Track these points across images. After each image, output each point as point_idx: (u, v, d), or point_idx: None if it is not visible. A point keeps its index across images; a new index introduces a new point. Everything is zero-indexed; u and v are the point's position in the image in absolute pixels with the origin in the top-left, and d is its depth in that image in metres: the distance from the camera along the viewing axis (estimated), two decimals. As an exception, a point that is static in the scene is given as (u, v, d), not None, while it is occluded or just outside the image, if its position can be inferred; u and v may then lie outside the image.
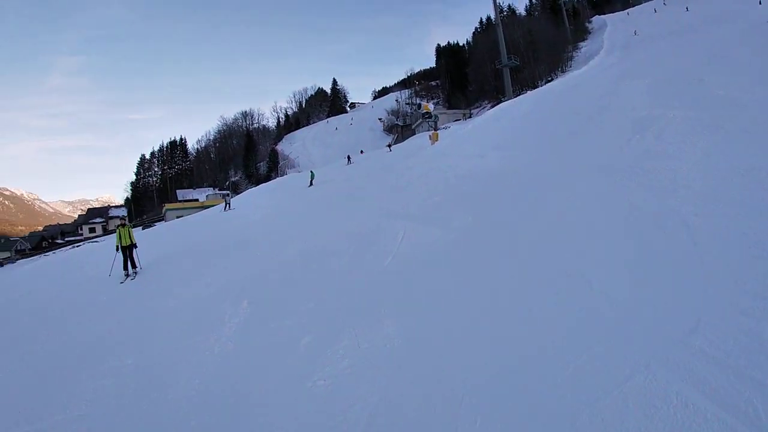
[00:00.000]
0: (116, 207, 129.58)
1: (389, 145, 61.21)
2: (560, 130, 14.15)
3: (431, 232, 10.25)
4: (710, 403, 3.68)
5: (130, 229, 15.45)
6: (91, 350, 9.25)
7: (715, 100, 11.71)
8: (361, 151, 73.83)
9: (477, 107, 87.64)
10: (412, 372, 5.55)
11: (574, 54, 79.36)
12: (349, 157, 53.75)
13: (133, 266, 15.10)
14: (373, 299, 7.92)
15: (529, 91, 36.18)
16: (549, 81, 59.45)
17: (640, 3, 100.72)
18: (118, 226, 15.62)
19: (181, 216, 52.89)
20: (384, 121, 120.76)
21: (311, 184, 36.16)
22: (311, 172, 42.01)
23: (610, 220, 7.78)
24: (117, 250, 15.17)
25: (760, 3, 49.71)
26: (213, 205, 56.11)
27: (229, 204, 35.83)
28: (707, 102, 11.68)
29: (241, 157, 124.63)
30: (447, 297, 7.19)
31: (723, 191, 7.37)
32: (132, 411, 6.52)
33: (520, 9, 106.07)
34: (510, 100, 32.10)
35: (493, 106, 51.27)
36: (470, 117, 74.81)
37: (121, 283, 14.13)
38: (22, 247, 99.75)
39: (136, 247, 15.27)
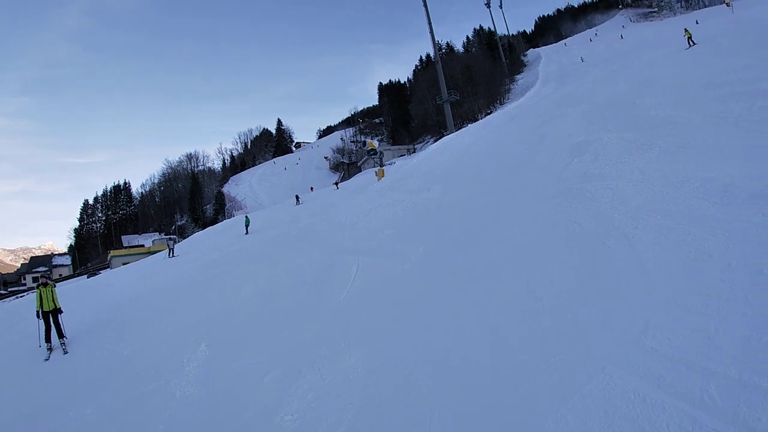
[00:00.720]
0: (60, 255, 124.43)
1: (336, 183, 61.31)
2: (502, 160, 14.71)
3: (384, 264, 10.52)
4: (668, 396, 3.98)
5: (53, 289, 12.36)
6: (47, 400, 9.03)
7: (647, 120, 12.42)
8: (311, 188, 73.56)
9: (420, 142, 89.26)
10: (378, 399, 5.71)
11: (512, 86, 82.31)
12: (297, 197, 51.71)
13: (60, 335, 11.85)
14: (333, 332, 8.05)
15: (470, 124, 37.19)
16: (488, 113, 61.36)
17: (573, 34, 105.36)
18: (39, 285, 12.33)
19: (128, 263, 51.46)
20: (330, 160, 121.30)
21: (247, 232, 33.60)
22: (246, 217, 38.24)
23: (555, 240, 8.22)
24: (38, 316, 11.94)
25: (697, 23, 52.74)
26: (159, 251, 54.86)
27: (173, 250, 33.20)
28: (640, 123, 12.37)
29: (187, 200, 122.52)
30: (405, 324, 7.43)
31: (659, 204, 7.91)
32: None
33: (458, 46, 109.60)
34: (452, 134, 32.93)
35: (435, 141, 52.33)
36: (414, 152, 76.05)
37: (45, 360, 11.22)
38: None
39: (61, 312, 12.10)
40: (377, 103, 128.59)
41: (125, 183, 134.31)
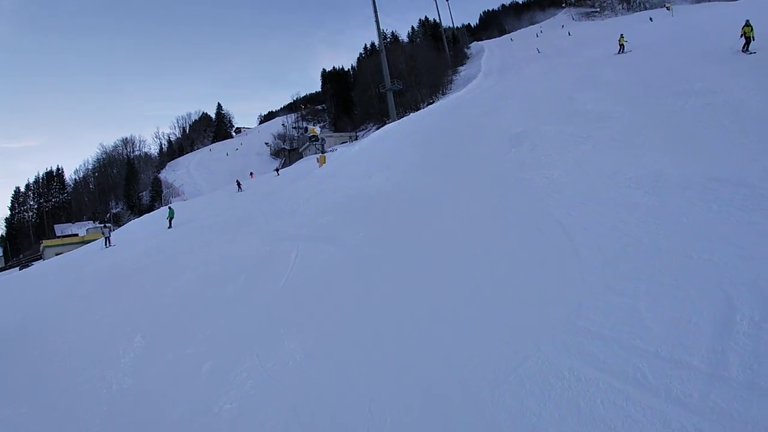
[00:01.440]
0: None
1: (277, 170, 60.35)
2: (443, 149, 14.86)
3: (324, 249, 10.52)
4: (601, 374, 4.18)
5: None
6: None
7: (583, 114, 12.77)
8: (251, 174, 71.96)
9: (362, 130, 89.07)
10: (317, 384, 5.79)
11: (454, 77, 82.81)
12: (239, 183, 48.60)
13: None
14: (272, 319, 8.05)
15: (412, 114, 37.29)
16: (431, 103, 61.63)
17: (516, 30, 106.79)
18: None
19: (61, 253, 49.54)
20: (271, 146, 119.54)
21: (170, 225, 29.24)
22: (169, 209, 33.72)
23: (491, 226, 8.41)
24: None
25: (651, 20, 54.17)
26: (94, 240, 53.00)
27: (109, 239, 30.39)
28: (577, 117, 12.71)
29: (123, 186, 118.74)
30: (343, 310, 7.50)
31: (592, 193, 8.18)
32: None
33: (403, 36, 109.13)
34: (394, 122, 32.99)
35: (378, 128, 52.27)
36: (356, 139, 75.85)
37: None
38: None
39: None
40: (320, 90, 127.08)
41: (58, 169, 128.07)
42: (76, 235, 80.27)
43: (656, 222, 6.56)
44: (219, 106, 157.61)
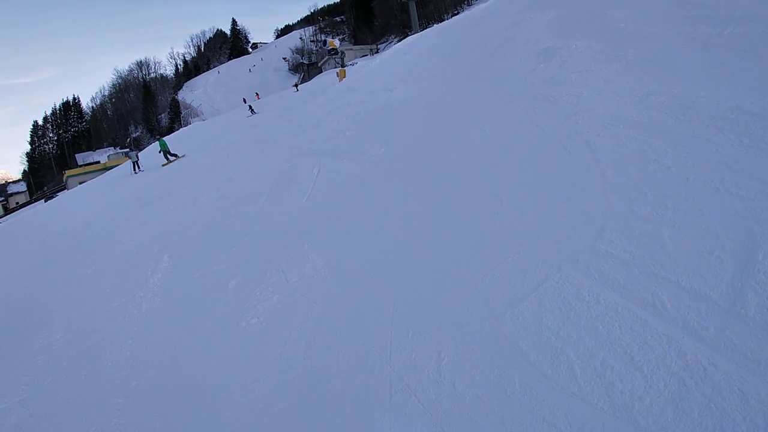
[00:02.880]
0: (14, 182, 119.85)
1: (296, 85, 59.59)
2: (467, 62, 14.21)
3: (346, 165, 10.31)
4: (620, 299, 4.04)
5: None
6: (15, 332, 8.98)
7: (616, 32, 12.00)
8: (257, 95, 70.51)
9: (384, 42, 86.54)
10: (341, 298, 5.77)
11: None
12: (251, 108, 45.03)
13: None
14: (296, 236, 8.01)
15: (435, 25, 35.92)
16: (455, 14, 59.32)
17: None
18: None
19: (84, 181, 50.15)
20: (289, 61, 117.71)
21: (168, 160, 26.53)
22: (160, 141, 29.81)
23: (517, 144, 8.03)
24: None
25: None
26: (116, 165, 53.51)
27: (138, 164, 29.12)
28: (609, 34, 11.96)
29: (141, 110, 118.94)
30: (365, 225, 7.39)
31: (622, 114, 7.73)
32: (70, 386, 6.45)
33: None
34: (417, 34, 31.79)
35: (399, 41, 50.75)
36: (377, 52, 73.92)
37: None
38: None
39: None
40: (338, 1, 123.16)
41: (74, 98, 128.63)
42: (98, 162, 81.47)
43: (685, 150, 6.19)
44: (234, 22, 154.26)
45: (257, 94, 71.14)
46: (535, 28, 13.38)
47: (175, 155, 26.90)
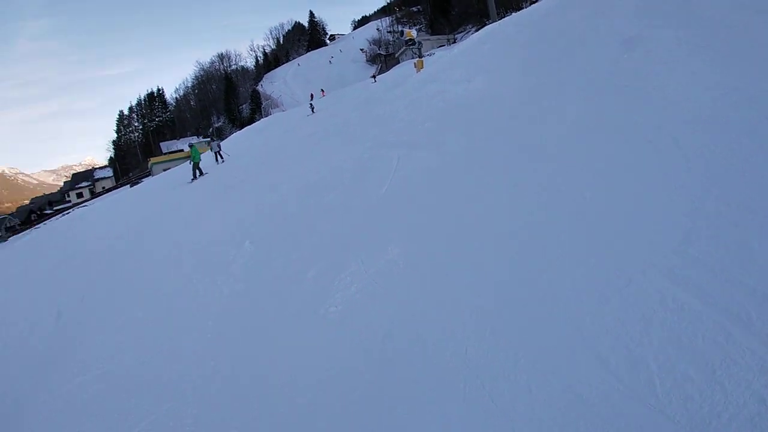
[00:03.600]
0: (101, 168, 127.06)
1: (374, 76, 59.92)
2: (548, 52, 13.73)
3: (425, 157, 10.18)
4: (705, 307, 3.77)
5: None
6: (97, 310, 9.47)
7: (703, 20, 11.30)
8: (322, 91, 70.59)
9: (461, 32, 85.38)
10: (419, 291, 5.68)
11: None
12: (312, 106, 44.34)
13: None
14: (374, 226, 8.00)
15: (514, 14, 35.14)
16: (534, 2, 57.87)
17: None
18: None
19: (168, 168, 52.27)
20: (366, 52, 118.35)
21: (195, 175, 24.02)
22: (192, 149, 25.72)
23: (601, 138, 7.62)
24: None
25: None
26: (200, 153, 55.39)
27: (220, 154, 28.81)
28: (696, 22, 11.25)
29: (222, 101, 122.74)
30: (445, 217, 7.24)
31: (709, 109, 7.22)
32: (150, 362, 6.73)
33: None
34: (495, 23, 31.20)
35: (477, 30, 50.05)
36: (455, 42, 73.16)
37: None
38: (11, 224, 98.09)
39: None
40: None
41: (158, 90, 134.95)
42: (182, 150, 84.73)
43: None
44: (311, 14, 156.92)
45: (322, 90, 71.49)
46: (618, 16, 12.75)
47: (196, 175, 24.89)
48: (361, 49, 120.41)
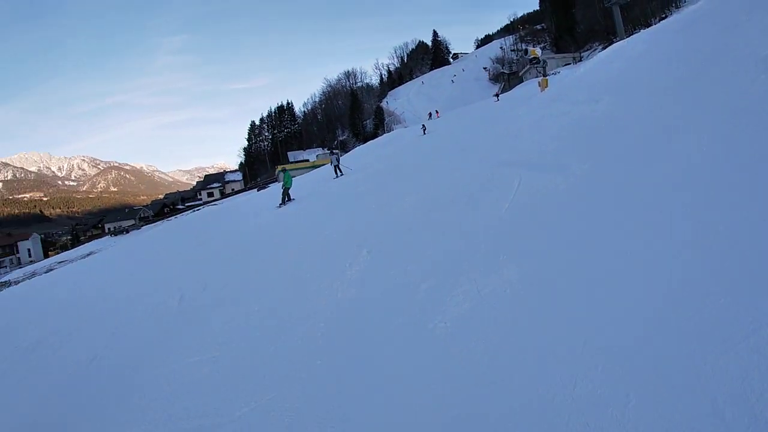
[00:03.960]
0: (231, 172, 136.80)
1: (497, 95, 59.42)
2: (679, 72, 12.92)
3: (548, 178, 9.85)
4: None
5: None
6: (215, 298, 10.23)
7: None
8: (437, 112, 69.87)
9: (587, 50, 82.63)
10: (533, 316, 5.50)
11: (690, -14, 72.45)
12: (424, 127, 43.89)
13: None
14: (492, 245, 7.84)
15: (642, 30, 33.59)
16: (662, 18, 55.01)
17: None
18: None
19: (294, 176, 54.50)
20: (489, 70, 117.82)
21: (283, 201, 22.75)
22: (284, 174, 25.26)
23: (740, 166, 7.00)
24: None
25: None
26: (323, 164, 57.61)
27: (339, 168, 28.34)
28: None
29: (347, 116, 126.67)
30: (568, 243, 6.95)
31: None
32: (259, 352, 7.11)
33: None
34: (622, 41, 30.00)
35: (604, 48, 48.35)
36: (581, 60, 71.01)
37: None
38: (146, 215, 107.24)
39: None
40: (538, 8, 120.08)
41: (288, 103, 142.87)
42: (307, 160, 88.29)
43: None
44: (435, 33, 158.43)
45: (436, 111, 71.41)
46: (754, 31, 11.75)
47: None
48: (484, 68, 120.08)
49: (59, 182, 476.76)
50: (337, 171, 28.50)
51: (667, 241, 5.83)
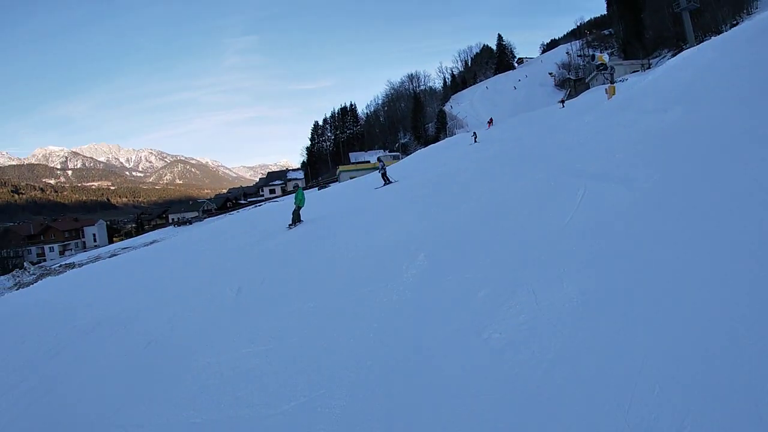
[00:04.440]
0: (294, 170, 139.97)
1: (562, 101, 58.18)
2: (751, 82, 12.42)
3: (614, 190, 9.57)
4: None
5: None
6: (273, 292, 10.52)
7: None
8: (490, 120, 68.81)
9: (656, 57, 79.87)
10: (590, 333, 5.35)
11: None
12: (475, 134, 44.88)
13: None
14: (553, 257, 7.66)
15: (713, 37, 32.29)
16: (734, 24, 52.69)
17: None
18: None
19: (354, 177, 55.07)
20: (555, 76, 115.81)
21: (293, 221, 19.65)
22: (298, 192, 21.31)
23: None
24: None
25: None
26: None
27: (386, 175, 27.22)
28: None
29: (409, 119, 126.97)
30: (630, 257, 6.71)
31: None
32: (311, 348, 7.21)
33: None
34: (693, 48, 28.89)
35: (674, 55, 46.75)
36: (649, 68, 68.89)
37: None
38: (209, 207, 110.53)
39: None
40: (606, 13, 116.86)
41: (351, 105, 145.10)
42: (368, 162, 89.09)
43: None
44: (499, 38, 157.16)
45: (491, 119, 70.22)
46: None
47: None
48: (550, 73, 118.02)
49: (126, 173, 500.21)
50: (385, 180, 27.44)
51: (736, 262, 5.55)
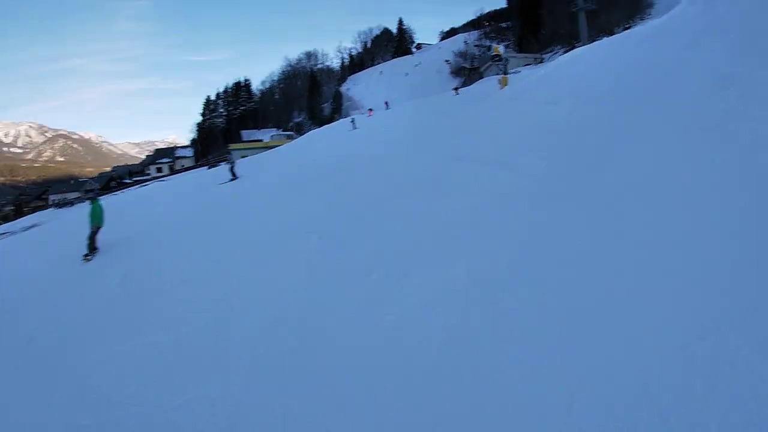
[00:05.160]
0: (182, 147, 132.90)
1: (456, 89, 59.47)
2: (637, 82, 13.18)
3: (501, 175, 9.99)
4: None
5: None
6: (161, 283, 9.80)
7: None
8: (370, 110, 69.75)
9: (549, 52, 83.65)
10: (480, 312, 5.53)
11: (654, 1, 74.15)
12: (353, 121, 46.73)
13: None
14: (441, 240, 7.89)
15: (605, 38, 34.10)
16: (627, 28, 56.02)
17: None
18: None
19: (246, 156, 53.64)
20: (451, 64, 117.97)
21: (89, 247, 14.61)
22: (92, 201, 15.27)
23: (688, 177, 7.16)
24: None
25: None
26: (277, 146, 56.97)
27: (234, 171, 26.69)
28: None
29: (305, 98, 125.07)
30: (517, 241, 7.05)
31: None
32: (202, 337, 6.91)
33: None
34: (584, 47, 30.42)
35: (566, 52, 49.02)
36: (542, 62, 71.87)
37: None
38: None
39: None
40: (506, 6, 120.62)
41: (245, 80, 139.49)
42: (260, 140, 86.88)
43: None
44: (400, 22, 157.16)
45: (370, 110, 71.15)
46: (713, 50, 12.03)
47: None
48: (446, 61, 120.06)
49: (5, 149, 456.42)
50: (232, 174, 26.87)
51: (626, 246, 5.94)
